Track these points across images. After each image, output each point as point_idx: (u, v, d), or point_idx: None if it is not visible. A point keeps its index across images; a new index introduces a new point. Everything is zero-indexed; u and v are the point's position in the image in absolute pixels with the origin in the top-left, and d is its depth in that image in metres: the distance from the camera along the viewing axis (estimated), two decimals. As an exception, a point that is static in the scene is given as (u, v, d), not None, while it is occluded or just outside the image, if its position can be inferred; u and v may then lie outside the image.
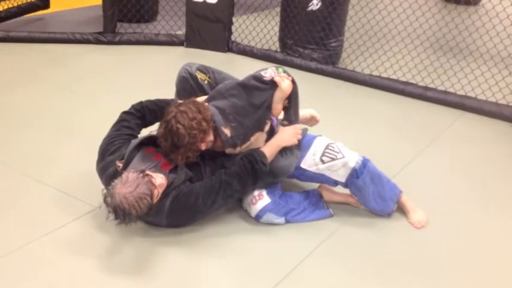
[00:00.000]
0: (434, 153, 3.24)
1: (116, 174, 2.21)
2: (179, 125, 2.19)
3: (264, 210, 2.37)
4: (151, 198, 2.10)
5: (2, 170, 2.71)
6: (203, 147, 2.29)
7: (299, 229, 2.41)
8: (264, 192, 2.40)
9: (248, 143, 2.37)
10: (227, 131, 2.32)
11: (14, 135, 3.07)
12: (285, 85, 2.37)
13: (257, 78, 2.39)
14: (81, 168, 2.67)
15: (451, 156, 3.22)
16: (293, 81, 2.43)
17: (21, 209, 2.42)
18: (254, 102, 2.37)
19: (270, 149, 2.38)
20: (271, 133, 2.47)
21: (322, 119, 2.86)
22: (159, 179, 2.16)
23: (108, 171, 2.29)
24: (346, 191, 2.54)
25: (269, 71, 2.40)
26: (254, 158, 2.30)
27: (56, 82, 3.89)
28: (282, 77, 2.39)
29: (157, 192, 2.14)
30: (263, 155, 2.33)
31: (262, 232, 2.37)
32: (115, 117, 2.52)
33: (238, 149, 2.36)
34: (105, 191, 2.11)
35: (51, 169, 2.74)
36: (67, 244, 2.21)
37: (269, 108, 2.41)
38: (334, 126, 3.30)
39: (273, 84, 2.38)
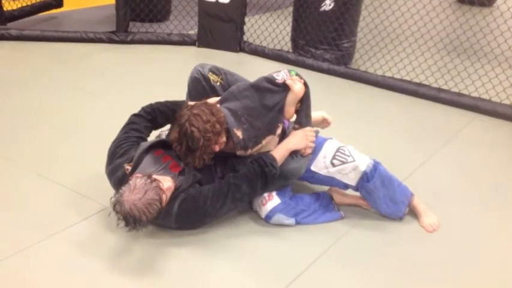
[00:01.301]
0: (447, 156, 3.20)
1: (125, 177, 2.21)
2: (193, 128, 2.18)
3: (274, 211, 2.36)
4: (161, 203, 2.09)
5: (12, 168, 2.72)
6: (217, 148, 2.28)
7: (309, 231, 2.40)
8: (274, 193, 2.39)
9: (260, 146, 2.36)
10: (239, 133, 2.31)
11: (26, 133, 3.08)
12: (297, 88, 2.35)
13: (269, 80, 2.38)
14: (91, 167, 2.67)
15: (464, 159, 3.19)
16: (305, 84, 2.41)
17: (32, 207, 2.43)
18: (266, 104, 2.36)
19: (280, 153, 2.36)
20: (283, 136, 2.46)
21: (334, 120, 2.84)
22: (167, 183, 2.15)
23: (116, 174, 2.29)
24: (357, 193, 2.51)
25: (281, 73, 2.38)
26: (264, 161, 2.29)
27: (68, 81, 3.91)
28: (294, 80, 2.37)
29: (166, 196, 2.14)
30: (273, 158, 2.32)
31: (272, 234, 2.36)
32: (127, 117, 2.52)
33: (249, 152, 2.35)
34: (113, 198, 2.10)
35: (62, 168, 2.75)
36: (77, 243, 2.21)
37: (281, 111, 2.39)
38: (345, 127, 3.28)
39: (285, 87, 2.36)
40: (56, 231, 2.26)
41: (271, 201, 2.37)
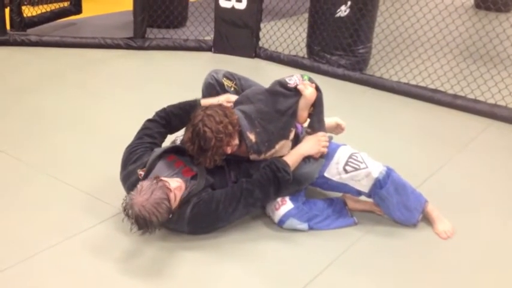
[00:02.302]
0: (462, 162, 3.19)
1: (138, 182, 2.24)
2: (206, 129, 2.21)
3: (287, 216, 2.37)
4: (169, 202, 2.12)
5: (29, 172, 2.77)
6: (229, 150, 2.31)
7: (322, 237, 2.40)
8: (287, 198, 2.40)
9: (273, 150, 2.37)
10: (252, 137, 2.34)
11: (44, 137, 3.14)
12: (308, 92, 2.38)
13: (282, 84, 2.41)
14: (107, 171, 2.71)
15: (479, 166, 3.17)
16: (317, 89, 2.43)
17: (47, 210, 2.47)
18: (279, 108, 2.39)
19: (293, 158, 2.38)
20: (296, 141, 2.47)
21: (348, 126, 2.85)
22: (174, 183, 2.18)
23: (130, 180, 2.33)
24: (371, 199, 2.52)
25: (294, 78, 2.41)
26: (276, 166, 2.30)
27: (86, 86, 3.97)
28: (306, 85, 2.40)
29: (174, 195, 2.16)
30: (285, 164, 2.33)
31: (285, 239, 2.37)
32: (141, 119, 2.56)
33: (262, 156, 2.37)
34: (124, 203, 2.13)
35: (78, 171, 2.79)
36: (91, 247, 2.25)
37: (294, 115, 2.42)
38: (360, 133, 3.28)
39: (297, 92, 2.39)
40: (70, 235, 2.30)
41: (285, 205, 2.38)
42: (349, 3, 4.24)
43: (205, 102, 2.50)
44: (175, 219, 2.22)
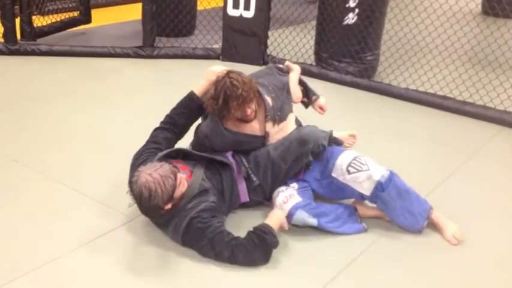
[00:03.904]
0: (472, 169, 3.18)
1: None
2: (234, 81, 2.41)
3: (295, 207, 2.39)
4: (175, 181, 2.17)
5: (41, 181, 2.79)
6: (248, 112, 2.46)
7: (335, 241, 2.40)
8: (295, 192, 2.44)
9: (285, 122, 2.57)
10: (269, 100, 2.57)
11: (55, 146, 3.17)
12: (296, 66, 2.85)
13: (275, 66, 2.90)
14: (117, 178, 2.73)
15: (490, 172, 3.16)
16: None
17: (61, 219, 2.49)
18: (281, 81, 2.74)
19: (274, 222, 2.29)
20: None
21: (357, 132, 2.85)
22: (182, 173, 2.26)
23: None
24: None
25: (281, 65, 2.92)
26: (262, 230, 2.22)
27: (96, 94, 4.01)
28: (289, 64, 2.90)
29: (180, 180, 2.21)
30: (270, 227, 2.24)
31: (299, 244, 2.37)
32: (152, 128, 2.59)
33: (276, 128, 2.50)
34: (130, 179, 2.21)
35: (90, 180, 2.81)
36: (104, 254, 2.26)
37: (289, 93, 2.72)
38: (368, 140, 3.28)
39: (287, 71, 2.84)
40: (83, 243, 2.31)
41: (293, 198, 2.42)
42: (356, 10, 4.25)
43: (198, 88, 2.63)
44: (172, 228, 2.25)
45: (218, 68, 2.62)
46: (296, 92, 2.78)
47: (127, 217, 2.49)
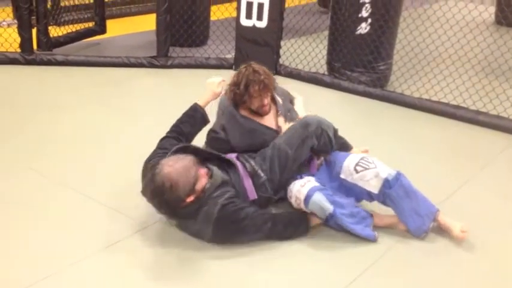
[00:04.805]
0: (486, 179, 3.16)
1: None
2: (256, 67, 2.58)
3: (313, 189, 2.42)
4: (197, 172, 2.22)
5: (55, 188, 2.83)
6: (266, 101, 2.60)
7: (352, 246, 2.42)
8: (313, 179, 2.50)
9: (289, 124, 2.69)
10: (280, 100, 2.76)
11: (69, 155, 3.20)
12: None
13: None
14: (131, 187, 2.75)
15: (503, 182, 3.14)
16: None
17: (74, 226, 2.52)
18: (285, 91, 2.98)
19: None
20: None
21: (370, 142, 2.88)
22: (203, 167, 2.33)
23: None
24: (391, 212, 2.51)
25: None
26: (305, 217, 2.48)
27: (110, 104, 4.05)
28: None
29: (201, 173, 2.27)
30: (308, 221, 2.49)
31: (314, 251, 2.39)
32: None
33: (287, 124, 2.65)
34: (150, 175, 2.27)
35: (104, 187, 2.84)
36: (117, 261, 2.28)
37: (292, 103, 2.95)
38: (381, 149, 3.27)
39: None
40: (96, 250, 2.34)
41: (310, 182, 2.47)
42: (369, 20, 4.26)
43: (201, 99, 2.71)
44: (201, 218, 2.27)
45: (217, 78, 2.73)
46: (300, 113, 2.89)
47: (140, 224, 2.51)
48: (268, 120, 2.70)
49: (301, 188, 2.46)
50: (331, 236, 2.47)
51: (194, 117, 2.67)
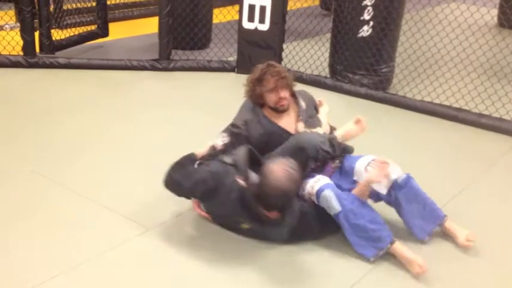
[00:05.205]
0: (488, 182, 3.16)
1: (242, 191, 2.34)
2: (272, 62, 2.66)
3: (326, 185, 2.41)
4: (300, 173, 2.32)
5: (62, 192, 2.83)
6: (286, 95, 2.61)
7: (350, 253, 2.41)
8: (327, 178, 2.50)
9: (313, 130, 2.64)
10: (303, 104, 2.71)
11: (74, 158, 3.20)
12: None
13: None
14: (135, 190, 2.76)
15: (505, 185, 3.13)
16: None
17: (81, 230, 2.52)
18: (312, 97, 2.87)
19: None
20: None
21: (373, 144, 2.86)
22: None
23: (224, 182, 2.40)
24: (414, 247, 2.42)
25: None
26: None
27: (113, 107, 4.06)
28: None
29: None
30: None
31: (318, 251, 2.39)
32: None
33: (307, 129, 2.62)
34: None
35: (108, 191, 2.84)
36: (124, 265, 2.28)
37: (317, 110, 2.85)
38: (384, 152, 3.25)
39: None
40: (102, 254, 2.34)
41: (324, 179, 2.47)
42: (371, 23, 4.27)
43: (200, 153, 2.60)
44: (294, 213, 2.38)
45: (218, 140, 2.64)
46: (323, 122, 2.79)
47: (146, 228, 2.51)
48: (289, 124, 2.66)
49: (314, 183, 2.45)
50: (335, 237, 2.47)
51: (189, 158, 2.56)
